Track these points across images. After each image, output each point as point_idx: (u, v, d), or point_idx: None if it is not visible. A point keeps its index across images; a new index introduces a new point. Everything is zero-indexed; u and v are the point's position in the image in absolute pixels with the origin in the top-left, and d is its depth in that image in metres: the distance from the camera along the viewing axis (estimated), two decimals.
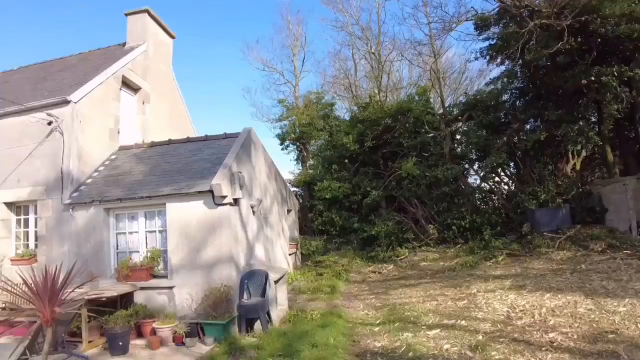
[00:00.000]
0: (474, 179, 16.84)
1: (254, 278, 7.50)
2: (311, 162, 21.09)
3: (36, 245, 9.10)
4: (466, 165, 16.59)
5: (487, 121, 15.01)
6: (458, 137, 17.18)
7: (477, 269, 10.86)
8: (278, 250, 10.80)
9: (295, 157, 23.26)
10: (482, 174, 15.99)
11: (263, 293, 7.28)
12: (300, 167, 22.40)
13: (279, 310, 8.08)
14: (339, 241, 16.55)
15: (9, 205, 9.43)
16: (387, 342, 6.24)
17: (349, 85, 24.58)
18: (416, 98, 16.80)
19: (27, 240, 9.44)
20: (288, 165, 57.76)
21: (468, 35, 17.29)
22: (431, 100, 18.01)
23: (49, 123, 8.92)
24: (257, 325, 7.19)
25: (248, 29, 51.15)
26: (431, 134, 15.86)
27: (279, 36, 40.75)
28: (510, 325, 6.38)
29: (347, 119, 21.37)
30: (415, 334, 6.41)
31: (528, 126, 15.57)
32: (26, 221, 9.50)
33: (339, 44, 30.99)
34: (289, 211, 13.26)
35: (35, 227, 9.22)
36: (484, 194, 15.80)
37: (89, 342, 6.54)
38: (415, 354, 5.58)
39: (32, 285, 3.40)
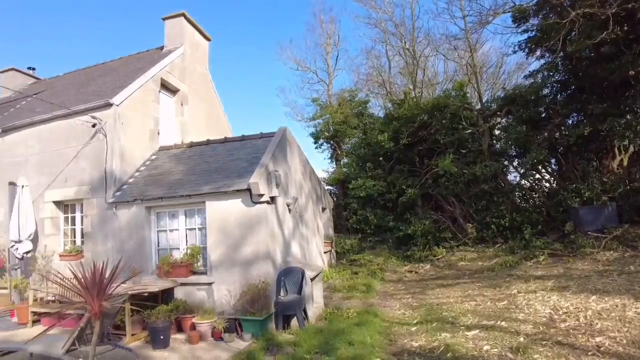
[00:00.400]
0: (513, 177, 16.29)
1: (290, 275, 7.57)
2: (345, 160, 21.04)
3: (82, 242, 9.54)
4: (505, 162, 16.07)
5: (527, 116, 14.49)
6: (497, 133, 16.66)
7: (517, 269, 10.54)
8: (313, 248, 10.85)
9: (329, 155, 23.28)
10: (522, 171, 15.45)
11: (299, 290, 7.34)
12: (334, 166, 22.40)
13: (314, 307, 8.12)
14: (373, 240, 16.45)
15: (57, 204, 9.93)
16: (425, 342, 6.15)
17: (383, 82, 24.38)
18: (453, 93, 16.42)
19: (74, 237, 9.91)
20: (322, 164, 57.94)
21: (505, 28, 16.84)
22: (468, 95, 17.59)
23: (93, 125, 9.32)
24: (294, 322, 7.24)
25: (281, 30, 51.59)
26: (469, 130, 15.48)
27: (312, 35, 40.77)
28: (554, 328, 6.14)
29: (382, 116, 21.17)
30: (454, 335, 6.29)
31: (570, 121, 14.89)
32: (73, 219, 9.97)
33: (372, 41, 30.78)
34: (323, 209, 13.30)
35: (81, 224, 9.67)
36: (524, 192, 15.28)
37: (132, 335, 6.79)
38: (454, 354, 5.46)
39: (82, 279, 3.58)
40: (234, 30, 56.98)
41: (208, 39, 14.03)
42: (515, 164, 16.16)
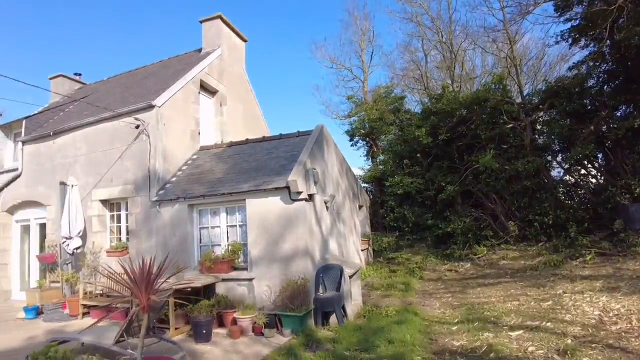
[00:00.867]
0: (557, 172, 15.63)
1: (329, 272, 7.59)
2: (381, 157, 20.81)
3: (127, 239, 9.92)
4: (549, 157, 15.44)
5: (571, 109, 13.86)
6: (539, 127, 16.03)
7: (562, 269, 10.15)
8: (351, 246, 10.84)
9: (365, 152, 23.12)
10: (566, 166, 14.81)
11: (338, 287, 7.35)
12: (370, 163, 22.22)
13: (353, 305, 8.12)
14: (411, 238, 16.20)
15: (103, 202, 10.36)
16: (467, 341, 6.03)
17: (420, 77, 23.93)
18: (492, 87, 15.92)
19: (120, 234, 10.32)
20: (357, 161, 57.76)
21: (547, 17, 15.93)
22: (508, 88, 17.02)
23: (137, 127, 9.66)
24: (333, 318, 7.27)
25: (315, 28, 51.70)
26: (510, 125, 14.98)
27: (347, 32, 40.74)
28: (604, 330, 5.87)
29: (419, 111, 20.81)
30: (497, 335, 6.14)
31: (619, 113, 14.14)
32: (118, 217, 10.38)
33: (407, 36, 30.26)
34: (360, 207, 13.26)
35: (126, 222, 10.06)
36: (568, 188, 14.65)
37: (176, 328, 7.02)
38: (498, 355, 5.33)
39: (131, 274, 3.73)
40: (269, 31, 57.62)
41: (244, 40, 14.24)
42: (559, 159, 15.53)
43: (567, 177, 14.85)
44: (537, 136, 15.72)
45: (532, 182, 14.01)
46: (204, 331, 6.58)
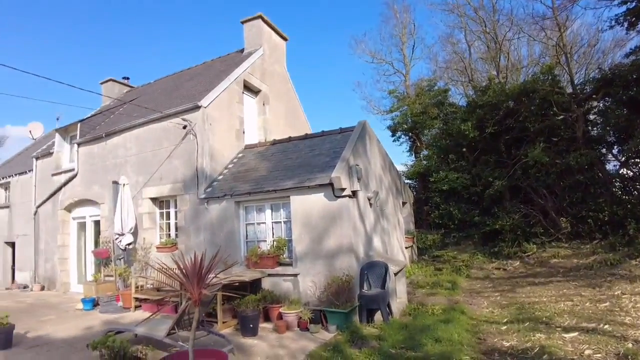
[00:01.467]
0: (613, 166, 14.80)
1: (373, 269, 7.54)
2: (425, 152, 20.42)
3: (176, 235, 10.25)
4: (603, 150, 14.63)
5: (628, 97, 13.03)
6: (592, 117, 15.23)
7: (619, 268, 9.61)
8: (395, 243, 10.72)
9: (408, 148, 22.76)
10: (623, 159, 13.97)
11: (383, 284, 7.28)
12: (414, 159, 21.86)
13: (398, 302, 8.03)
14: (457, 235, 15.83)
15: (153, 200, 10.75)
16: (517, 342, 5.83)
17: (464, 69, 23.25)
18: (541, 77, 15.22)
19: (169, 230, 10.68)
20: (400, 157, 57.04)
21: (600, 1, 15.04)
22: (558, 78, 16.24)
23: (184, 127, 9.95)
24: (377, 316, 7.21)
25: (355, 24, 51.39)
26: (561, 116, 14.31)
27: (387, 26, 39.95)
28: None
29: (464, 104, 20.24)
30: (549, 336, 5.89)
31: None
32: (167, 214, 10.74)
33: (449, 27, 29.42)
34: (404, 203, 13.07)
35: (175, 219, 10.40)
36: (626, 183, 13.85)
37: (223, 322, 7.19)
38: (551, 357, 5.10)
39: (184, 269, 3.85)
40: (308, 29, 57.84)
41: (285, 39, 14.34)
42: (614, 151, 14.67)
43: (624, 171, 14.03)
44: (590, 128, 14.95)
45: (586, 176, 13.35)
46: (251, 325, 6.68)
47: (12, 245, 15.85)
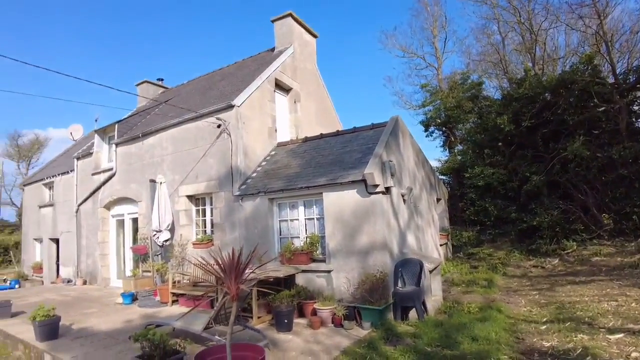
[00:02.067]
0: None
1: (408, 266, 7.46)
2: (459, 147, 20.03)
3: (212, 231, 10.43)
4: None
5: None
6: (636, 108, 14.52)
7: None
8: (429, 240, 10.57)
9: (442, 143, 22.40)
10: None
11: (418, 282, 7.19)
12: (448, 154, 21.49)
13: (433, 300, 7.92)
14: (493, 232, 15.44)
15: (189, 197, 10.98)
16: (558, 342, 5.64)
17: (498, 61, 22.64)
18: (580, 67, 14.63)
19: (205, 227, 10.89)
20: (434, 153, 56.21)
21: None
22: (598, 68, 15.55)
23: (218, 126, 10.11)
24: (412, 313, 7.14)
25: (385, 18, 50.94)
26: (602, 108, 13.70)
27: (417, 20, 39.49)
28: None
29: (499, 97, 19.71)
30: (592, 337, 5.67)
31: None
32: (203, 211, 10.94)
33: (482, 19, 28.67)
34: (438, 200, 12.87)
35: (211, 215, 10.58)
36: None
37: (258, 317, 7.28)
38: (595, 359, 4.91)
39: (222, 264, 3.92)
40: (338, 25, 57.71)
41: (315, 36, 14.35)
42: None
43: None
44: (634, 119, 14.27)
45: (630, 170, 12.76)
46: (286, 321, 6.73)
47: (57, 241, 16.58)
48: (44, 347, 6.47)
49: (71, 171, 15.42)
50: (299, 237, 8.74)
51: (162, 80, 19.26)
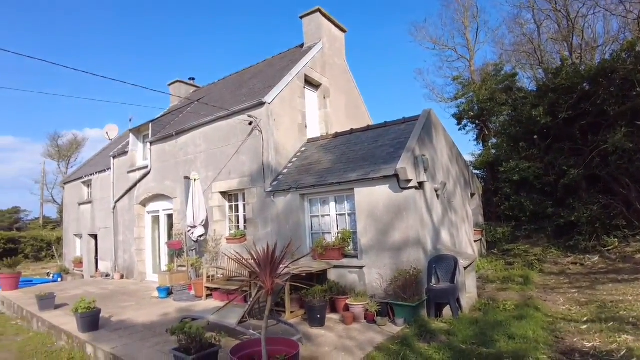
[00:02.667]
0: None
1: (442, 263, 7.35)
2: (494, 140, 19.51)
3: (245, 227, 10.57)
4: None
5: None
6: None
7: None
8: (463, 236, 10.37)
9: (475, 136, 21.88)
10: None
11: (452, 279, 7.08)
12: (481, 148, 20.98)
13: (467, 297, 7.79)
14: (529, 228, 14.97)
15: (223, 194, 11.15)
16: (600, 343, 5.45)
17: (533, 51, 21.85)
18: (622, 55, 13.96)
19: (238, 222, 11.04)
20: (467, 146, 55.15)
21: None
22: None
23: (250, 123, 10.21)
24: (446, 310, 7.05)
25: (415, 10, 50.14)
26: None
27: (448, 11, 38.39)
28: None
29: (534, 89, 19.06)
30: (638, 338, 5.45)
31: None
32: (236, 207, 11.10)
33: (515, 7, 27.74)
34: (472, 195, 12.61)
35: (244, 211, 10.73)
36: None
37: (291, 312, 7.33)
38: None
39: (257, 259, 3.98)
40: (367, 19, 57.23)
41: (344, 31, 14.26)
42: None
43: None
44: None
45: None
46: (318, 316, 6.75)
47: (95, 237, 17.18)
48: (85, 338, 6.72)
49: (108, 169, 15.92)
50: (330, 232, 8.74)
51: (193, 79, 19.62)
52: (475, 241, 11.90)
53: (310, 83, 12.25)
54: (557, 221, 13.85)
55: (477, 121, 20.69)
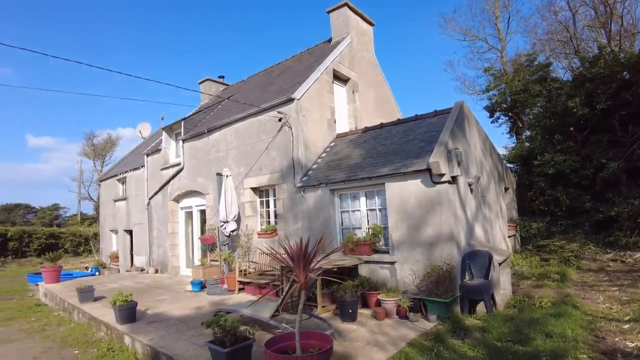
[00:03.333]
0: None
1: (476, 258, 7.21)
2: (527, 133, 18.98)
3: (275, 222, 10.66)
4: None
5: None
6: None
7: None
8: (497, 232, 10.14)
9: (508, 129, 21.39)
10: None
11: (487, 275, 6.94)
12: (514, 141, 20.48)
13: (501, 294, 7.62)
14: (565, 223, 14.52)
15: (254, 189, 11.28)
16: None
17: (568, 40, 21.11)
18: None
19: (268, 217, 11.15)
20: (500, 140, 53.95)
21: None
22: None
23: (280, 119, 10.27)
24: (480, 307, 6.93)
25: (443, 1, 49.13)
26: None
27: (478, 1, 37.64)
28: None
29: (569, 79, 18.45)
30: None
31: None
32: (267, 202, 11.20)
33: None
34: (506, 189, 12.31)
35: (274, 207, 10.83)
36: None
37: (322, 307, 7.35)
38: None
39: (291, 254, 4.02)
40: (394, 11, 56.53)
41: (372, 24, 14.13)
42: None
43: None
44: None
45: None
46: (350, 311, 6.75)
47: (130, 232, 17.70)
48: (123, 330, 6.95)
49: (142, 167, 16.34)
50: (360, 228, 8.71)
51: (222, 77, 19.86)
52: (509, 237, 11.64)
53: (339, 78, 12.21)
54: (595, 216, 13.39)
55: (509, 113, 20.21)
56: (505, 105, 19.65)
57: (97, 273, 17.87)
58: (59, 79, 69.81)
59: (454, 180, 7.36)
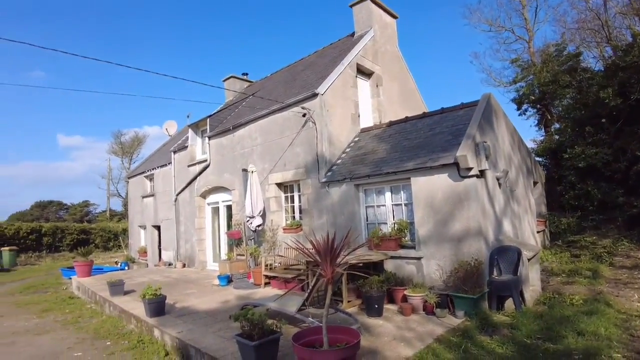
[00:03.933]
0: None
1: (504, 254, 7.08)
2: (557, 125, 18.47)
3: (300, 217, 10.73)
4: None
5: None
6: None
7: None
8: (526, 227, 9.93)
9: (536, 122, 20.83)
10: None
11: (515, 271, 6.81)
12: (543, 133, 19.95)
13: (530, 290, 7.48)
14: (597, 219, 14.08)
15: (279, 185, 11.36)
16: None
17: (600, 28, 20.33)
18: None
19: (293, 213, 11.22)
20: (528, 133, 52.72)
21: None
22: None
23: (304, 115, 10.30)
24: (508, 303, 6.80)
25: None
26: None
27: None
28: None
29: (600, 69, 17.84)
30: None
31: None
32: (292, 197, 11.28)
33: None
34: (535, 183, 12.02)
35: (299, 202, 10.89)
36: None
37: (348, 301, 7.36)
38: None
39: (318, 248, 4.04)
40: (418, 2, 55.75)
41: (395, 17, 13.97)
42: None
43: None
44: None
45: None
46: (376, 306, 6.74)
47: (158, 228, 18.09)
48: (153, 322, 7.12)
49: (169, 164, 16.65)
50: (386, 223, 8.66)
51: (246, 74, 20.01)
52: (538, 232, 11.38)
53: (362, 72, 12.14)
54: (629, 211, 12.94)
55: (538, 105, 19.68)
56: (533, 97, 19.13)
57: (126, 267, 18.36)
58: (88, 79, 71.68)
59: (481, 174, 7.22)
